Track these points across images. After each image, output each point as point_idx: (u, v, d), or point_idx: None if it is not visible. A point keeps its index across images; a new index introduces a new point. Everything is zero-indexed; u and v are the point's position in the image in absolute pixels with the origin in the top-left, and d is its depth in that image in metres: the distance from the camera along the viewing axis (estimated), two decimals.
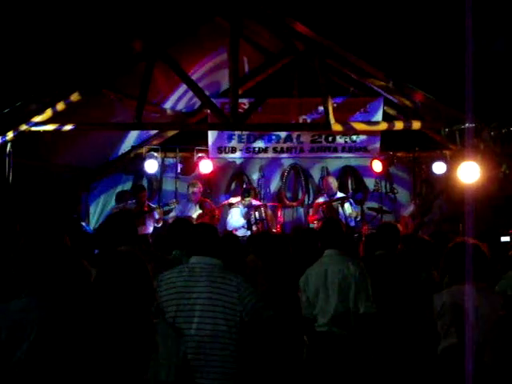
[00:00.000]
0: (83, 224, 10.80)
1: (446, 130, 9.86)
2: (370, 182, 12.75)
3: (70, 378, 3.29)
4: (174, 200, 11.96)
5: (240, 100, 10.78)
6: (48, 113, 10.01)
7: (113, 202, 12.80)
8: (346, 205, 11.30)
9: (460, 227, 10.14)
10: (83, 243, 6.19)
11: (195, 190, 11.62)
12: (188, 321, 4.35)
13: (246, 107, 11.61)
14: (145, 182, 13.08)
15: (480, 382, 4.36)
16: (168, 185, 12.94)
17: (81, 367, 3.25)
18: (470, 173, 9.12)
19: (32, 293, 3.64)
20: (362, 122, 11.37)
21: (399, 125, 10.52)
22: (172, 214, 11.68)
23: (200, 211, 11.48)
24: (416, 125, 10.36)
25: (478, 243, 4.98)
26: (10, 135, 9.94)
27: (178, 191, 12.56)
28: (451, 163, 10.93)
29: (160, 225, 11.46)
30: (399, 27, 9.54)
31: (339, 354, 5.79)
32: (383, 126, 11.02)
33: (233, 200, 11.74)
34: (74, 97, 9.89)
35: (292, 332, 5.64)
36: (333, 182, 11.80)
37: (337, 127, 10.12)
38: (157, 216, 11.47)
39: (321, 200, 11.79)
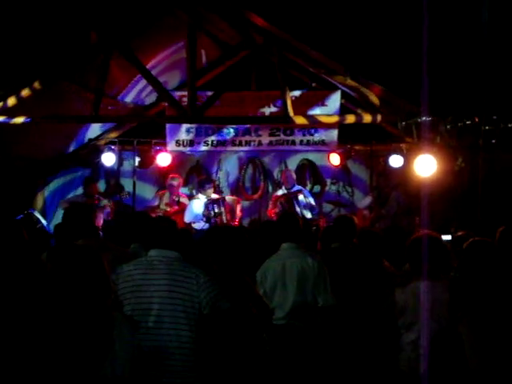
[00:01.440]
0: (39, 217, 10.64)
1: (403, 123, 9.97)
2: (327, 176, 12.82)
3: (24, 375, 3.25)
4: (126, 192, 11.91)
5: (198, 93, 10.74)
6: (1, 104, 9.85)
7: (69, 195, 12.64)
8: (300, 196, 11.33)
9: (416, 220, 10.26)
10: (39, 237, 6.13)
11: (174, 183, 11.63)
12: (146, 313, 4.33)
13: (203, 100, 11.55)
14: (102, 175, 12.97)
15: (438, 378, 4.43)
16: (125, 178, 12.82)
17: (35, 364, 3.22)
18: (426, 166, 9.24)
19: None
20: (319, 115, 11.43)
21: (351, 118, 10.59)
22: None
23: (157, 203, 11.53)
24: (367, 118, 10.44)
25: (438, 236, 5.06)
26: None
27: (135, 184, 12.47)
28: (408, 156, 11.02)
29: (111, 217, 11.39)
30: (357, 22, 9.61)
31: (298, 346, 5.82)
32: (334, 118, 11.11)
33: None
34: (28, 91, 9.75)
35: (250, 325, 5.64)
36: (291, 175, 11.82)
37: (295, 120, 10.16)
38: (108, 208, 11.39)
39: (279, 193, 11.81)
